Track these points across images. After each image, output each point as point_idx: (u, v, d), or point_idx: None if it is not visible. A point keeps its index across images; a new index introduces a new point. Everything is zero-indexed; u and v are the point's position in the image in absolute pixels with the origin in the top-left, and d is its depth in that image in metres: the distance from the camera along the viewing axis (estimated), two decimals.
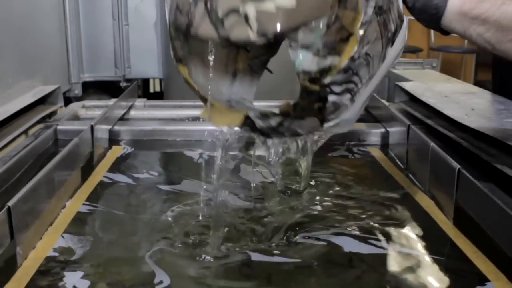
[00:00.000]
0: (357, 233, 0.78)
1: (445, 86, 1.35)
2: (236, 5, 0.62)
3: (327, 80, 0.65)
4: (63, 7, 1.69)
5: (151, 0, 1.85)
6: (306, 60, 0.64)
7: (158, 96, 2.26)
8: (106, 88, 2.04)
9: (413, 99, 1.28)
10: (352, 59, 0.66)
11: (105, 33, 1.85)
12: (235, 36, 0.63)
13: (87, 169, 1.02)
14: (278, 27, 0.62)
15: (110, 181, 0.97)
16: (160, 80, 2.16)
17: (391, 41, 0.71)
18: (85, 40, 1.82)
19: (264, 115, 0.70)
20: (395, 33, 0.72)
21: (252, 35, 0.62)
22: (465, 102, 1.15)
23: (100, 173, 1.00)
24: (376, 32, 0.68)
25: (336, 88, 0.67)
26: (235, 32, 0.63)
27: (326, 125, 0.71)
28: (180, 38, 0.71)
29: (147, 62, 1.88)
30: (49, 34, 1.59)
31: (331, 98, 0.68)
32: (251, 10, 0.62)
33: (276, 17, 0.62)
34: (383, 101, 1.33)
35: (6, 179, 0.88)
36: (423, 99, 1.20)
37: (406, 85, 1.34)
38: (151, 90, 2.47)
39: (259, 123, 0.71)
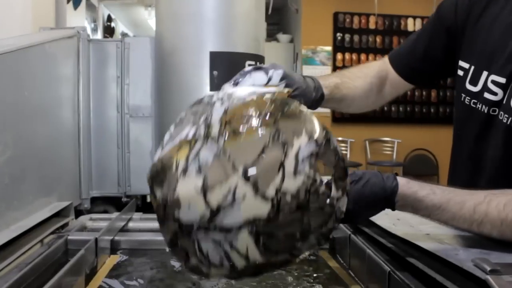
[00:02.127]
0: None
1: None
2: None
3: None
4: (77, 138, 1.71)
5: (148, 134, 1.89)
6: None
7: None
8: (111, 200, 2.03)
9: None
10: None
11: (111, 158, 1.87)
12: None
13: (91, 275, 0.99)
14: None
15: (107, 287, 0.94)
16: None
17: None
18: (95, 164, 1.84)
19: None
20: None
21: None
22: (393, 213, 1.16)
23: (99, 279, 0.97)
24: None
25: None
26: None
27: None
28: None
29: (144, 182, 1.88)
30: (65, 160, 1.60)
31: None
32: None
33: None
34: None
35: (21, 284, 0.84)
36: None
37: None
38: (148, 200, 2.46)
39: None
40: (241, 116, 0.65)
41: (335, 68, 5.97)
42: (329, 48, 5.99)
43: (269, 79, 0.82)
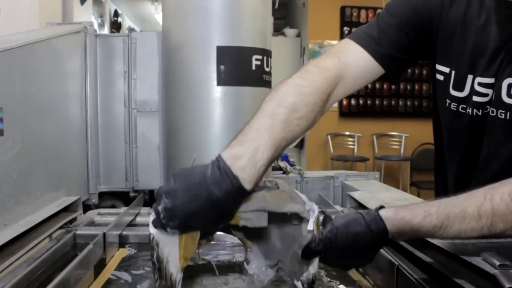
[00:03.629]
0: None
1: (385, 194, 1.36)
2: None
3: None
4: (85, 133, 1.72)
5: (156, 129, 1.89)
6: None
7: None
8: (118, 195, 2.03)
9: (361, 205, 1.29)
10: None
11: (118, 153, 1.87)
12: None
13: (99, 268, 1.00)
14: None
15: (115, 278, 0.94)
16: None
17: None
18: (102, 159, 1.84)
19: None
20: None
21: None
22: None
23: (108, 272, 0.98)
24: None
25: None
26: None
27: None
28: None
29: (151, 176, 1.89)
30: (73, 155, 1.61)
31: None
32: None
33: None
34: (337, 207, 1.33)
35: (30, 278, 0.85)
36: (368, 206, 1.20)
37: (355, 194, 1.35)
38: None
39: None
40: None
41: None
42: (336, 42, 5.96)
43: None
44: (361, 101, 6.04)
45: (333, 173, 1.89)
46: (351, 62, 0.97)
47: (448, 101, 0.99)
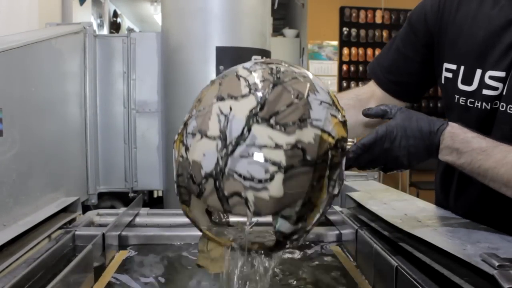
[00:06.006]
0: None
1: (384, 194, 1.36)
2: (239, 190, 0.65)
3: (294, 237, 0.71)
4: (84, 134, 1.72)
5: (155, 129, 1.90)
6: (283, 226, 0.68)
7: (161, 199, 2.25)
8: (118, 195, 2.04)
9: (360, 206, 1.28)
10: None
11: (118, 154, 1.87)
12: (236, 212, 0.66)
13: (99, 270, 0.99)
14: (269, 211, 0.66)
15: (118, 283, 0.94)
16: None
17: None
18: (102, 159, 1.84)
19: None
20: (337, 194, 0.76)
21: (249, 214, 0.66)
22: (400, 208, 1.16)
23: (109, 275, 0.97)
24: (328, 203, 0.73)
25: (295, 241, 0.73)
26: (236, 209, 0.66)
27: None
28: (189, 195, 0.72)
29: (151, 177, 1.90)
30: (72, 155, 1.61)
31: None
32: (250, 196, 0.65)
33: (268, 203, 0.65)
34: (337, 207, 1.33)
35: (29, 279, 0.85)
36: (368, 206, 1.20)
37: (354, 195, 1.34)
38: (155, 196, 2.47)
39: None
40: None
41: (341, 63, 5.95)
42: (335, 42, 5.97)
43: None
44: None
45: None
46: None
47: (456, 96, 1.01)
